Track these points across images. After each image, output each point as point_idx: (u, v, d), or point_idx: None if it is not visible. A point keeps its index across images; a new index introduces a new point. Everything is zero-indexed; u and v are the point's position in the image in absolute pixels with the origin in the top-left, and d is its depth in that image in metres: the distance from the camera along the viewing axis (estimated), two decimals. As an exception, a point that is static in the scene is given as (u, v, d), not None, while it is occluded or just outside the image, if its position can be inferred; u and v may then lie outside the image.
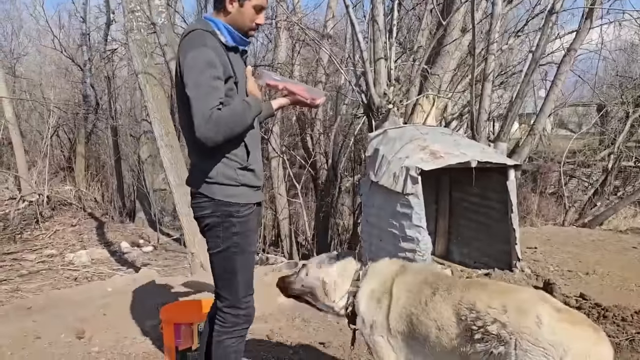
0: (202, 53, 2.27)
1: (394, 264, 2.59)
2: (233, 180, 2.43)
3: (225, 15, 2.42)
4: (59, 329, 3.99)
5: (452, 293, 2.21)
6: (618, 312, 4.10)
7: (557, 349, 1.87)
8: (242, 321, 2.58)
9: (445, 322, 2.15)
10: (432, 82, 7.46)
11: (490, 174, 5.05)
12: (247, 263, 2.55)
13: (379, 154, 5.02)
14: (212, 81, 2.25)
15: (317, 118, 11.59)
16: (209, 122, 2.20)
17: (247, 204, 2.48)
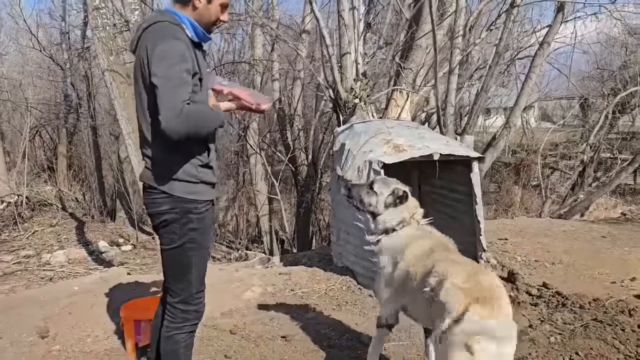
0: (174, 46, 2.26)
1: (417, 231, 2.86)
2: (194, 177, 2.44)
3: (192, 10, 2.42)
4: (22, 328, 3.98)
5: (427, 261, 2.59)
6: (577, 299, 4.18)
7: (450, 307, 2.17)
8: (192, 317, 2.59)
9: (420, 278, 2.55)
10: (405, 76, 7.50)
11: (455, 166, 5.10)
12: (202, 259, 2.58)
13: (345, 148, 5.05)
14: (183, 74, 2.24)
15: (297, 114, 11.61)
16: (179, 116, 2.18)
17: (205, 201, 2.50)
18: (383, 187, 2.92)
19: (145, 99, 2.36)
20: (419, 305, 2.58)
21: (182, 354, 2.60)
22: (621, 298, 4.19)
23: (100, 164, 14.16)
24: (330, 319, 4.19)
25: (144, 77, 2.32)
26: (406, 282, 2.69)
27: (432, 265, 2.49)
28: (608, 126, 14.35)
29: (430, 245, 2.74)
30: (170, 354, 2.60)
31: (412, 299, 2.65)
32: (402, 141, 4.67)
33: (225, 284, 4.98)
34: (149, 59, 2.27)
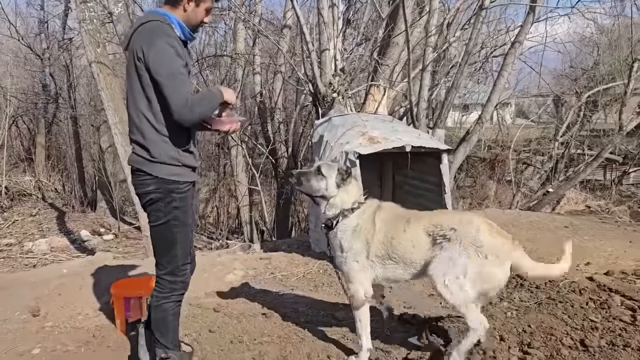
0: (169, 43, 2.56)
1: (373, 204, 3.21)
2: (176, 161, 2.74)
3: (183, 12, 2.72)
4: (14, 307, 4.19)
5: (421, 219, 3.03)
6: (534, 281, 4.54)
7: (486, 248, 2.81)
8: (178, 287, 2.90)
9: (418, 239, 2.95)
10: (382, 72, 7.81)
11: (426, 158, 5.43)
12: (186, 234, 2.86)
13: (323, 140, 5.33)
14: (182, 69, 2.57)
15: (278, 107, 11.84)
16: (185, 106, 2.52)
17: (186, 182, 2.80)
18: (330, 169, 3.12)
19: (140, 91, 2.64)
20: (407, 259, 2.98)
21: (170, 321, 2.93)
22: (574, 280, 4.56)
23: (81, 155, 14.19)
24: (308, 298, 4.48)
25: (139, 72, 2.60)
26: (390, 246, 2.98)
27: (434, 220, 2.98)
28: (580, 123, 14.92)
29: (398, 210, 3.17)
30: (159, 321, 2.91)
31: (400, 256, 2.99)
32: (376, 134, 4.97)
33: (208, 267, 5.24)
34: (146, 57, 2.55)
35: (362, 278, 3.09)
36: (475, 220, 2.92)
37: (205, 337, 3.72)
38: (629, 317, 3.73)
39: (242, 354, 3.46)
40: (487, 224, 2.92)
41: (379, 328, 3.53)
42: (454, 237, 2.85)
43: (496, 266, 2.83)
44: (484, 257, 2.80)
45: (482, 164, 17.74)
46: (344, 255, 3.09)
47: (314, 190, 3.13)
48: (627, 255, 5.53)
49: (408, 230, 2.98)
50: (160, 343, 2.93)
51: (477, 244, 2.81)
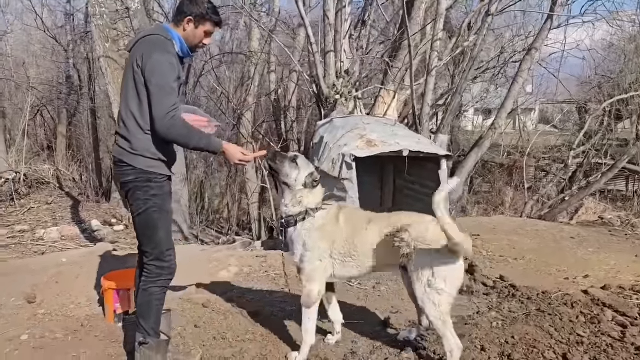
0: (167, 58, 2.81)
1: (335, 206, 3.35)
2: (153, 155, 2.95)
3: (182, 30, 2.96)
4: (11, 293, 4.31)
5: (381, 220, 3.18)
6: (526, 292, 4.49)
7: (436, 244, 2.92)
8: (165, 272, 3.06)
9: (376, 240, 3.09)
10: (392, 75, 7.78)
11: (426, 163, 5.40)
12: (166, 220, 3.06)
13: (323, 141, 5.35)
14: (172, 83, 2.82)
15: (291, 106, 11.89)
16: (165, 118, 2.78)
17: (162, 174, 3.00)
18: (305, 164, 3.22)
19: (133, 91, 2.89)
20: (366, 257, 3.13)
21: (154, 306, 3.07)
22: (569, 292, 4.49)
23: (98, 146, 14.47)
24: (297, 298, 4.47)
25: (135, 76, 2.86)
26: (352, 245, 3.13)
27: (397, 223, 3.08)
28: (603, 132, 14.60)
29: (359, 212, 3.38)
30: (144, 305, 3.07)
31: (359, 255, 3.14)
32: (375, 137, 4.97)
33: (203, 263, 5.31)
34: (143, 65, 2.80)
35: (321, 278, 3.21)
36: (425, 219, 3.06)
37: (190, 332, 3.77)
38: (619, 333, 3.67)
39: (223, 350, 3.50)
40: (434, 223, 2.97)
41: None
42: (408, 238, 2.97)
43: (447, 257, 2.92)
44: (435, 251, 2.92)
45: (500, 170, 17.54)
46: (308, 254, 3.18)
47: (283, 174, 3.17)
48: (629, 269, 5.42)
49: (369, 230, 3.12)
50: (142, 327, 3.07)
51: (429, 242, 2.94)
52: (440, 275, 2.94)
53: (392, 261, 3.11)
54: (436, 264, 2.94)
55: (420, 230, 2.99)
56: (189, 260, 5.50)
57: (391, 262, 3.13)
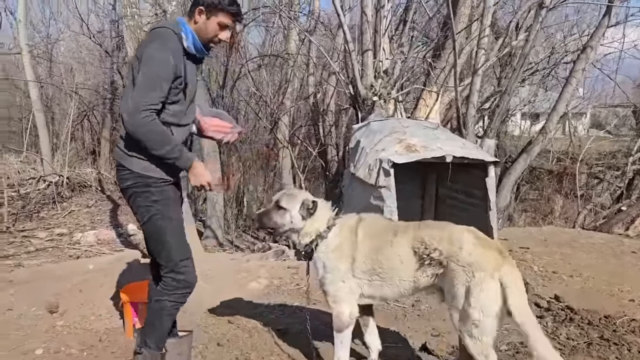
0: (161, 52, 2.52)
1: (352, 217, 3.00)
2: (149, 156, 2.63)
3: (194, 23, 2.67)
4: (32, 302, 4.17)
5: (408, 232, 2.78)
6: (586, 315, 4.01)
7: (472, 266, 2.52)
8: (181, 285, 2.77)
9: (405, 255, 2.72)
10: (435, 76, 7.37)
11: (472, 170, 4.98)
12: (173, 229, 2.74)
13: (359, 146, 5.02)
14: (159, 80, 2.52)
15: (330, 109, 11.60)
16: (135, 113, 2.47)
17: (161, 179, 2.69)
18: (291, 200, 2.94)
19: (132, 86, 2.59)
20: (395, 275, 2.76)
21: (164, 320, 2.82)
22: (635, 317, 3.99)
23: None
24: (329, 315, 4.16)
25: (133, 72, 2.59)
26: (376, 261, 2.78)
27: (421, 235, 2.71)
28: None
29: (382, 221, 3.03)
30: (153, 316, 2.84)
31: (387, 272, 2.77)
32: (415, 141, 4.60)
33: (232, 274, 5.05)
34: (139, 56, 2.57)
35: (349, 298, 2.90)
36: (457, 237, 2.64)
37: (212, 351, 3.51)
38: (698, 368, 3.17)
39: (247, 375, 3.22)
40: (472, 238, 2.64)
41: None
42: (442, 261, 2.62)
43: (491, 282, 2.51)
44: (472, 276, 2.52)
45: (549, 177, 16.74)
46: (328, 275, 2.91)
47: (280, 225, 2.95)
48: None
49: (395, 244, 2.77)
50: (144, 338, 2.85)
51: (462, 263, 2.56)
52: (476, 304, 2.51)
53: (426, 281, 2.74)
54: (472, 290, 2.52)
55: (453, 248, 2.60)
56: (217, 270, 5.28)
57: (425, 282, 2.74)
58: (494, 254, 2.56)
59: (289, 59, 10.15)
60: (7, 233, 9.08)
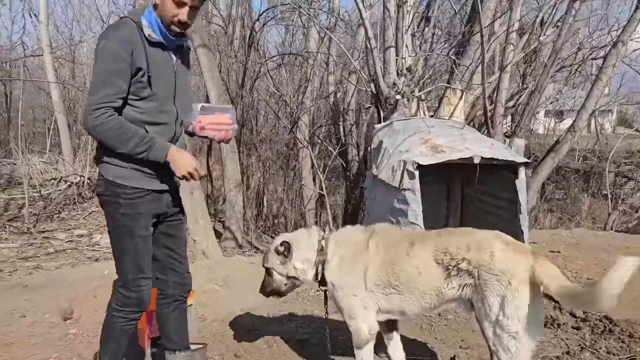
0: (111, 43, 2.31)
1: (362, 230, 2.87)
2: (121, 162, 2.42)
3: (155, 7, 2.41)
4: (46, 308, 4.07)
5: (427, 242, 2.63)
6: (627, 327, 3.74)
7: (506, 274, 2.34)
8: (132, 303, 2.57)
9: (425, 266, 2.54)
10: (459, 73, 7.11)
11: (500, 171, 4.74)
12: (135, 247, 2.52)
13: (382, 147, 4.83)
14: (109, 75, 2.30)
15: (350, 108, 11.40)
16: (88, 113, 2.30)
17: (136, 188, 2.45)
18: (269, 258, 2.93)
19: None
20: (414, 288, 2.59)
21: (115, 337, 2.61)
22: (682, 329, 3.71)
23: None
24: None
25: None
26: (391, 273, 2.63)
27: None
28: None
29: (395, 232, 2.90)
30: (105, 329, 2.64)
31: (404, 285, 2.61)
32: (441, 141, 4.38)
33: (251, 279, 4.87)
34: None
35: (364, 313, 2.73)
36: (486, 243, 2.46)
37: (229, 363, 3.35)
38: None
39: (265, 390, 3.06)
40: (501, 243, 2.46)
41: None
42: (471, 271, 2.43)
43: (526, 288, 2.33)
44: (507, 284, 2.34)
45: (575, 176, 16.29)
46: (340, 292, 2.78)
47: (279, 285, 2.95)
48: None
49: (412, 255, 2.60)
50: (100, 355, 2.65)
51: (496, 272, 2.37)
52: (513, 314, 2.32)
53: (452, 293, 2.54)
54: (508, 299, 2.33)
55: (483, 256, 2.41)
56: (236, 275, 5.13)
57: (451, 294, 2.54)
58: (528, 258, 2.38)
59: (309, 57, 9.97)
60: (28, 234, 9.11)
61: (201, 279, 4.99)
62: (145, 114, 2.42)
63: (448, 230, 2.84)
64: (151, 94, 2.41)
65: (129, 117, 2.38)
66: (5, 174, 14.13)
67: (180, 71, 2.58)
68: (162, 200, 2.57)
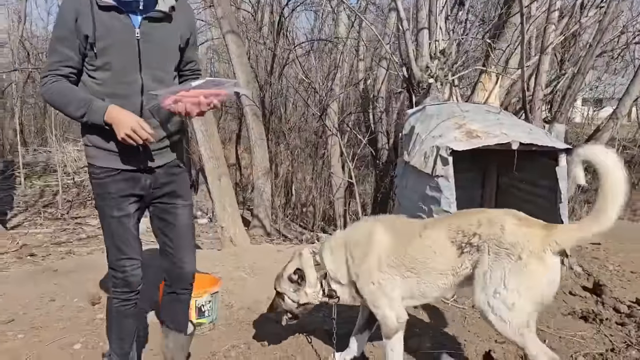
0: (61, 10, 2.24)
1: (368, 223, 2.82)
2: (87, 140, 2.39)
3: None
4: (74, 293, 4.09)
5: (440, 223, 2.66)
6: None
7: (517, 247, 2.33)
8: (119, 284, 2.53)
9: (440, 246, 2.54)
10: (495, 57, 6.83)
11: (539, 158, 4.51)
12: (109, 227, 2.46)
13: (414, 132, 4.65)
14: (55, 42, 2.27)
15: (380, 96, 11.17)
16: (41, 81, 2.28)
17: (103, 168, 2.37)
18: (282, 285, 2.95)
19: None
20: (431, 267, 2.57)
21: (113, 317, 2.61)
22: None
23: (187, 137, 14.65)
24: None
25: None
26: (405, 255, 2.61)
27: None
28: None
29: (408, 220, 2.86)
30: (109, 312, 2.65)
31: (421, 265, 2.59)
32: (476, 126, 4.18)
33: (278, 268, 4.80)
34: None
35: (387, 300, 2.68)
36: (497, 218, 2.46)
37: (255, 352, 3.29)
38: None
39: (289, 379, 2.97)
40: (512, 219, 2.44)
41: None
42: (480, 245, 2.43)
43: (535, 263, 2.31)
44: (517, 258, 2.32)
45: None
46: (360, 275, 2.71)
47: (294, 308, 2.97)
48: None
49: (425, 235, 2.60)
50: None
51: (506, 245, 2.35)
52: (515, 288, 2.32)
53: (466, 272, 2.52)
54: (514, 272, 2.32)
55: (494, 229, 2.41)
56: (264, 262, 5.07)
57: (465, 274, 2.53)
58: (540, 232, 2.35)
59: (339, 42, 9.79)
60: (62, 220, 9.28)
61: (229, 267, 4.95)
62: (102, 85, 2.28)
63: (461, 211, 2.81)
64: (105, 62, 2.25)
65: (90, 89, 2.29)
66: (41, 161, 14.49)
67: (151, 36, 2.30)
68: (140, 181, 2.44)
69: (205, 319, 3.59)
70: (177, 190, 2.57)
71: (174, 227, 2.60)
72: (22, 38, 15.46)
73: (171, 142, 2.50)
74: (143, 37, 2.28)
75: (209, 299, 3.60)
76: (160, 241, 2.67)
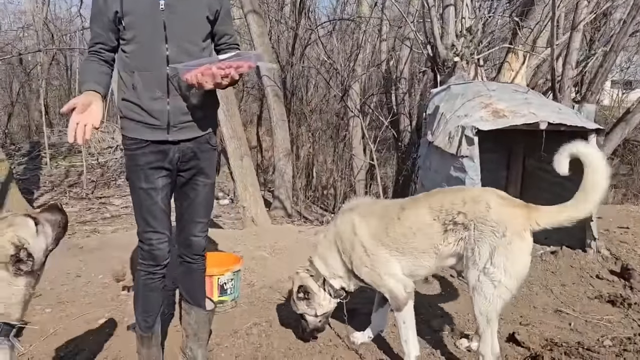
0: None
1: (346, 215, 2.87)
2: (121, 113, 2.43)
3: None
4: (99, 270, 4.15)
5: (419, 203, 2.67)
6: None
7: (501, 225, 2.39)
8: (146, 257, 2.55)
9: (420, 225, 2.58)
10: (522, 36, 6.64)
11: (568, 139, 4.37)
12: (138, 199, 2.48)
13: (438, 112, 4.56)
14: (91, 23, 2.38)
15: (403, 77, 11.02)
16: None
17: (133, 139, 2.39)
18: (299, 305, 3.02)
19: None
20: (412, 248, 2.62)
21: (140, 289, 2.62)
22: None
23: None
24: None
25: None
26: (386, 237, 2.67)
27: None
28: None
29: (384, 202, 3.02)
30: (136, 284, 2.67)
31: (403, 247, 2.65)
32: (503, 106, 4.08)
33: (299, 247, 4.83)
34: None
35: (388, 271, 2.70)
36: (481, 197, 2.51)
37: (276, 330, 3.30)
38: None
39: (310, 357, 2.97)
40: (496, 197, 2.51)
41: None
42: (467, 223, 2.47)
43: (518, 241, 2.40)
44: (502, 235, 2.39)
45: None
46: (353, 263, 2.79)
47: (317, 322, 3.05)
48: None
49: (403, 217, 2.64)
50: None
51: (492, 223, 2.41)
52: (501, 265, 2.39)
53: (449, 249, 2.57)
54: (499, 249, 2.39)
55: (479, 208, 2.45)
56: (284, 242, 5.07)
57: (448, 250, 2.58)
58: (523, 211, 2.45)
59: (361, 22, 9.64)
60: (87, 199, 9.44)
61: (250, 246, 4.97)
62: (131, 58, 2.34)
63: (438, 189, 2.81)
64: (133, 36, 2.30)
65: (122, 62, 2.36)
66: (66, 142, 14.70)
67: (175, 8, 2.30)
68: (168, 154, 2.43)
69: (227, 297, 3.61)
70: (202, 167, 2.56)
71: (192, 201, 2.61)
72: (46, 20, 15.59)
73: (198, 116, 2.46)
74: (167, 8, 2.28)
75: (231, 276, 3.61)
76: (178, 211, 2.67)
